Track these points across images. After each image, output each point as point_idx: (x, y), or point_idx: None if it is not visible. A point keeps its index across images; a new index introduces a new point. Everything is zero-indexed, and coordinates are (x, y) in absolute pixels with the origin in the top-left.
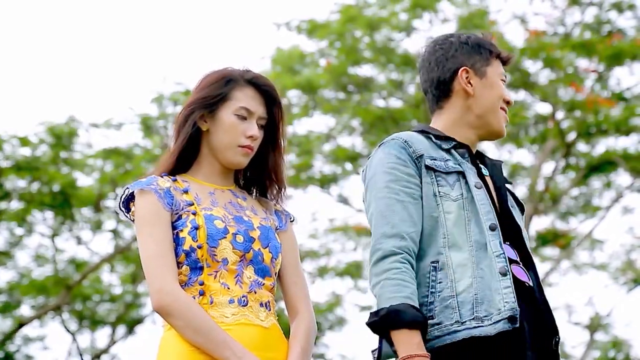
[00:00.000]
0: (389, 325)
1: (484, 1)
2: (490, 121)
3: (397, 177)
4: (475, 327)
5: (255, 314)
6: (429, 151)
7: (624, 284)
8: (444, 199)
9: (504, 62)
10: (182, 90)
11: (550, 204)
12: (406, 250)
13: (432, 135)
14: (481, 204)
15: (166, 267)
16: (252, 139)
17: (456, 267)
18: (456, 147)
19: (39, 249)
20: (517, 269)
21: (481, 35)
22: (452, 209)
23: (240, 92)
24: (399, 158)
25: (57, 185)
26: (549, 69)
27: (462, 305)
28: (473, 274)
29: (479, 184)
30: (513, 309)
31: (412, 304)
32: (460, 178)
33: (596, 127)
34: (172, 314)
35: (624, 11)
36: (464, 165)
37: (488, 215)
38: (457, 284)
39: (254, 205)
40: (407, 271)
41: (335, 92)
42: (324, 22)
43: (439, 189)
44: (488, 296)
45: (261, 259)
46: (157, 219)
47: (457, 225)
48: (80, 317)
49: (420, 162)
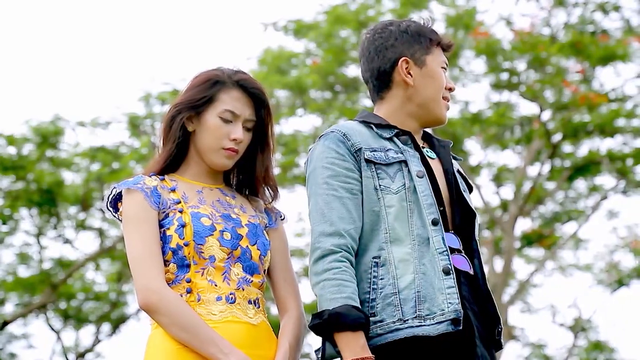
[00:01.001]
0: (331, 327)
1: (471, 1)
2: (431, 110)
3: (336, 172)
4: (418, 325)
5: (244, 311)
6: (369, 142)
7: (608, 286)
8: (385, 192)
9: (444, 49)
10: (169, 89)
11: (536, 206)
12: (345, 248)
13: (373, 125)
14: (423, 195)
15: (152, 265)
16: (235, 141)
17: (398, 263)
18: (398, 134)
19: (23, 247)
20: (459, 258)
21: (422, 22)
22: (393, 202)
23: (227, 94)
24: (337, 152)
25: (43, 183)
26: (535, 69)
27: (404, 302)
28: (415, 269)
29: (421, 173)
30: (457, 311)
31: (353, 305)
32: (403, 167)
33: (582, 128)
34: (158, 311)
35: (608, 12)
36: (407, 153)
37: (430, 209)
38: (399, 280)
39: (243, 203)
40: (347, 270)
41: (322, 92)
42: (311, 23)
43: (379, 182)
44: (431, 294)
45: (249, 256)
46: (144, 217)
47: (398, 219)
48: (65, 316)
49: (359, 156)
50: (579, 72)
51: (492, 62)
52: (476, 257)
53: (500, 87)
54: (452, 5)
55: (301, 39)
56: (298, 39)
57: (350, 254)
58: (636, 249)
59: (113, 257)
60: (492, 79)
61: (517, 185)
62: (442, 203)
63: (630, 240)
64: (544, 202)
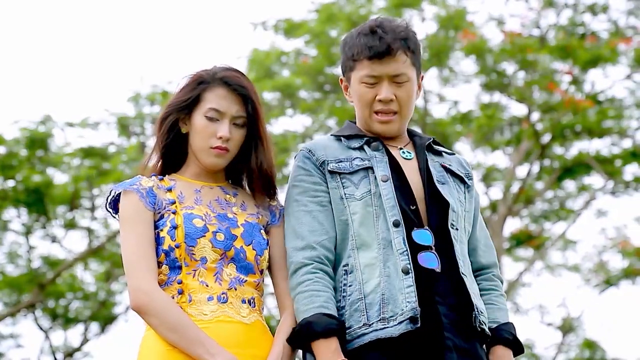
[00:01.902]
0: (305, 337)
1: (461, 1)
2: (369, 126)
3: (304, 188)
4: (382, 328)
5: (236, 311)
6: (335, 154)
7: (596, 286)
8: (350, 200)
9: (370, 58)
10: (159, 90)
11: (525, 206)
12: (317, 260)
13: (342, 137)
14: (386, 198)
15: (145, 266)
16: (222, 139)
17: (364, 268)
18: (369, 142)
19: (12, 246)
20: (427, 255)
21: (355, 32)
22: (357, 209)
23: (211, 92)
24: (304, 169)
25: (32, 184)
26: (525, 70)
27: (369, 307)
28: (380, 273)
29: (386, 177)
30: (414, 309)
31: (325, 312)
32: (369, 173)
33: (570, 129)
34: (148, 312)
35: (597, 14)
36: (374, 159)
37: (392, 211)
38: (365, 285)
39: (245, 201)
40: (320, 280)
41: (311, 92)
42: (301, 22)
43: (344, 191)
44: (394, 296)
45: (244, 257)
46: (138, 218)
47: (363, 224)
48: (53, 315)
49: (324, 168)
50: (568, 73)
51: (482, 62)
52: (456, 248)
53: (491, 88)
54: (443, 5)
55: (291, 38)
56: (288, 38)
57: (324, 264)
58: (624, 249)
59: (102, 257)
60: (482, 80)
61: (506, 185)
62: (415, 202)
63: (619, 241)
64: (533, 202)
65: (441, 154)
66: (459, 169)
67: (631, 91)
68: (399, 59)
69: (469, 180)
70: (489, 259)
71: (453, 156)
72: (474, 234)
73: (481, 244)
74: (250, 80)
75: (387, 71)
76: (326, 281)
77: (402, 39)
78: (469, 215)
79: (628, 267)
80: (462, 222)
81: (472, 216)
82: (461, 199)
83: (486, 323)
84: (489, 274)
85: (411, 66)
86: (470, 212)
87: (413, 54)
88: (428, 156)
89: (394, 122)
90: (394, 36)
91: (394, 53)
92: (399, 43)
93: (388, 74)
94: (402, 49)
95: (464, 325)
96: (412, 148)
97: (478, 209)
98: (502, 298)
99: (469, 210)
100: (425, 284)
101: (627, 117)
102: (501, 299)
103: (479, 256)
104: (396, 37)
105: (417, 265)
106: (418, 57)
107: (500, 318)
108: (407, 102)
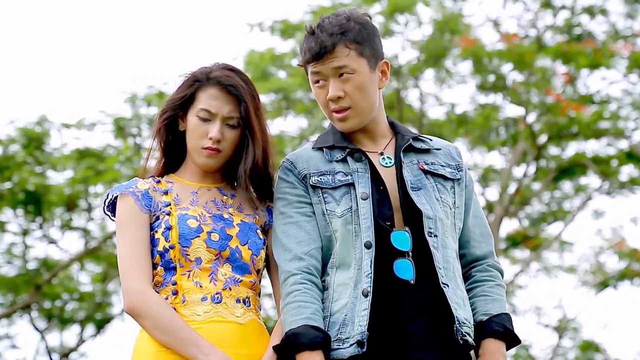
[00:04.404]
0: (291, 349)
1: (457, 3)
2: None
3: (289, 200)
4: (336, 348)
5: (230, 311)
6: (318, 166)
7: (593, 287)
8: (331, 216)
9: (311, 61)
10: (155, 91)
11: (521, 207)
12: (305, 270)
13: (324, 149)
14: (363, 218)
15: (138, 268)
16: (212, 140)
17: (337, 287)
18: (352, 153)
19: (9, 247)
20: (402, 264)
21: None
22: (338, 227)
23: (204, 92)
24: (287, 181)
25: (29, 185)
26: (521, 72)
27: (332, 326)
28: (350, 294)
29: (365, 195)
30: (362, 333)
31: (312, 325)
32: (351, 190)
33: (566, 129)
34: (141, 314)
35: (595, 15)
36: (356, 174)
37: (367, 232)
38: (334, 304)
39: (243, 202)
40: (307, 291)
41: (308, 93)
42: (297, 23)
43: (326, 206)
44: (353, 318)
45: (239, 257)
46: (134, 221)
47: (343, 243)
48: (49, 316)
49: (306, 182)
50: (564, 74)
51: (478, 65)
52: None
53: (487, 89)
54: (439, 9)
55: (288, 39)
56: (284, 39)
57: (313, 274)
58: (621, 250)
59: (98, 258)
60: (478, 80)
61: (502, 186)
62: (391, 214)
63: (615, 242)
64: (529, 202)
65: (427, 151)
66: (446, 163)
67: (627, 92)
68: (338, 54)
69: (459, 172)
70: (484, 249)
71: (441, 150)
72: (467, 225)
73: (475, 235)
74: (248, 78)
75: (329, 68)
76: (314, 292)
77: (339, 34)
78: (459, 211)
79: (625, 268)
80: (444, 226)
81: (462, 210)
82: (445, 199)
83: (470, 333)
84: (484, 264)
85: (357, 57)
86: (461, 206)
87: (358, 44)
88: (406, 158)
89: (350, 118)
90: (330, 32)
91: (331, 49)
92: (336, 38)
93: (331, 71)
94: (340, 43)
95: (440, 340)
96: (392, 151)
97: (471, 198)
98: (498, 288)
99: (460, 204)
100: (396, 300)
101: (623, 118)
102: (496, 290)
103: (472, 247)
104: (333, 33)
105: (392, 276)
106: (368, 46)
107: (492, 310)
108: (356, 94)
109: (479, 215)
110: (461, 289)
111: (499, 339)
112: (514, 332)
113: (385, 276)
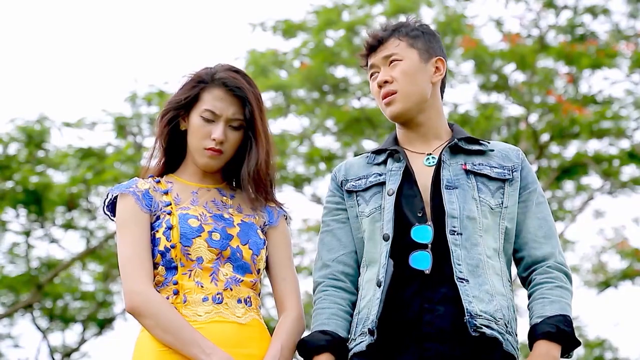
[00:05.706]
0: (303, 355)
1: (460, 3)
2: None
3: (329, 208)
4: (358, 343)
5: (231, 311)
6: (358, 172)
7: (595, 287)
8: (361, 217)
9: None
10: (155, 90)
11: None
12: (330, 277)
13: (371, 154)
14: (386, 212)
15: (139, 268)
16: (215, 141)
17: (365, 284)
18: (391, 154)
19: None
20: (419, 255)
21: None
22: (366, 226)
23: (209, 93)
24: (330, 190)
25: (30, 185)
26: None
27: (359, 322)
28: (373, 288)
29: (392, 191)
30: (373, 321)
31: (322, 330)
32: (382, 189)
33: (568, 129)
34: (142, 314)
35: (597, 15)
36: (389, 173)
37: (387, 225)
38: (361, 302)
39: (242, 203)
40: (327, 297)
41: (309, 93)
42: (300, 23)
43: (358, 209)
44: (371, 309)
45: (240, 256)
46: (134, 221)
47: (370, 240)
48: (51, 315)
49: (342, 188)
50: (567, 74)
51: (481, 64)
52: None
53: (489, 89)
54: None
55: (290, 39)
56: (287, 39)
57: (337, 279)
58: (623, 250)
59: (100, 258)
60: (480, 81)
61: None
62: (423, 209)
63: (617, 241)
64: None
65: (479, 153)
66: (498, 164)
67: (630, 92)
68: (389, 45)
69: (513, 173)
70: (545, 250)
71: (495, 151)
72: (526, 226)
73: (536, 236)
74: (252, 80)
75: (380, 58)
76: (334, 297)
77: (393, 30)
78: (508, 211)
79: (627, 268)
80: (477, 225)
81: (514, 211)
82: (485, 199)
83: (492, 325)
84: (544, 266)
85: (408, 47)
86: (512, 207)
87: (410, 37)
88: (451, 158)
89: (395, 102)
90: (385, 28)
91: (384, 41)
92: (389, 32)
93: (382, 60)
94: (393, 36)
95: (456, 332)
96: (440, 152)
97: (531, 199)
98: (558, 290)
99: (510, 205)
100: (411, 290)
101: (625, 117)
102: (556, 291)
103: (532, 249)
104: (387, 29)
105: (407, 267)
106: (420, 41)
107: (548, 312)
108: (402, 78)
109: (543, 217)
110: (492, 285)
111: (550, 341)
112: (570, 332)
113: (401, 267)
